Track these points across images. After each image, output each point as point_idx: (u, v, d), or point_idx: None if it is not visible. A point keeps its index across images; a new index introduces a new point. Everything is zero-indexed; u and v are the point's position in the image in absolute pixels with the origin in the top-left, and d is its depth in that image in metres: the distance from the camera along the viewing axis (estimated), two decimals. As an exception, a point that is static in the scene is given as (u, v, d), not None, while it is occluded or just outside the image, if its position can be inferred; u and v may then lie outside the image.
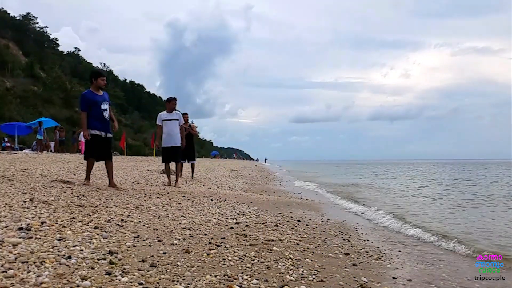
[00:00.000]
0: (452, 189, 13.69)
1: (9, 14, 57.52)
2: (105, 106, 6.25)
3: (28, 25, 58.29)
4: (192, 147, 10.57)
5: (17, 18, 57.70)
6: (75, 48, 70.88)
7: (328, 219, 5.99)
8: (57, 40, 65.05)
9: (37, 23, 60.07)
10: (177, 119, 8.20)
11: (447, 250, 4.51)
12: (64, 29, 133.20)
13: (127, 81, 79.63)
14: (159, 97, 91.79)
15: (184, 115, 9.43)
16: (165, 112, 8.31)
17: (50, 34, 62.99)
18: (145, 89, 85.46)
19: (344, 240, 4.49)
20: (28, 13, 58.72)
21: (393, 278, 3.07)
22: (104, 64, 76.00)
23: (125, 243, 3.04)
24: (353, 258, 3.61)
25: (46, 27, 61.75)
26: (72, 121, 37.37)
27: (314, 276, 2.81)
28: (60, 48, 65.34)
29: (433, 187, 15.00)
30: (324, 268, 3.09)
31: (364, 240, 4.61)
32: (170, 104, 8.26)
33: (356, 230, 5.28)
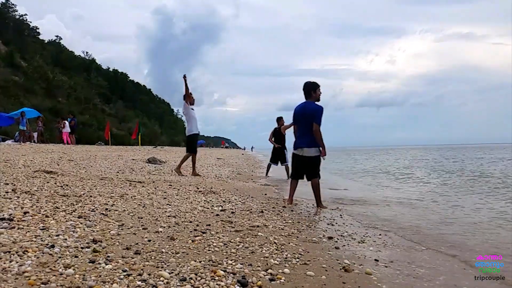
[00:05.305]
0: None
1: (-14, 2, 55.89)
2: None
3: (7, 13, 56.69)
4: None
5: (-5, 6, 56.08)
6: (57, 36, 69.23)
7: (313, 204, 6.04)
8: (38, 28, 63.63)
9: (17, 11, 58.51)
10: None
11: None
12: (49, 16, 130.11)
13: (110, 69, 78.32)
14: (144, 85, 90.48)
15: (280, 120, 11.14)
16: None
17: (30, 22, 61.50)
18: (129, 77, 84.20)
19: (328, 224, 4.55)
20: (7, 1, 57.10)
21: (375, 260, 3.14)
22: (87, 52, 74.63)
23: (109, 232, 3.04)
24: (336, 241, 3.67)
25: (25, 15, 60.22)
26: (55, 111, 36.73)
27: (297, 260, 2.86)
28: (41, 37, 63.94)
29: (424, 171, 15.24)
30: (308, 252, 3.14)
31: (347, 225, 4.67)
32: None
33: (340, 215, 5.33)
